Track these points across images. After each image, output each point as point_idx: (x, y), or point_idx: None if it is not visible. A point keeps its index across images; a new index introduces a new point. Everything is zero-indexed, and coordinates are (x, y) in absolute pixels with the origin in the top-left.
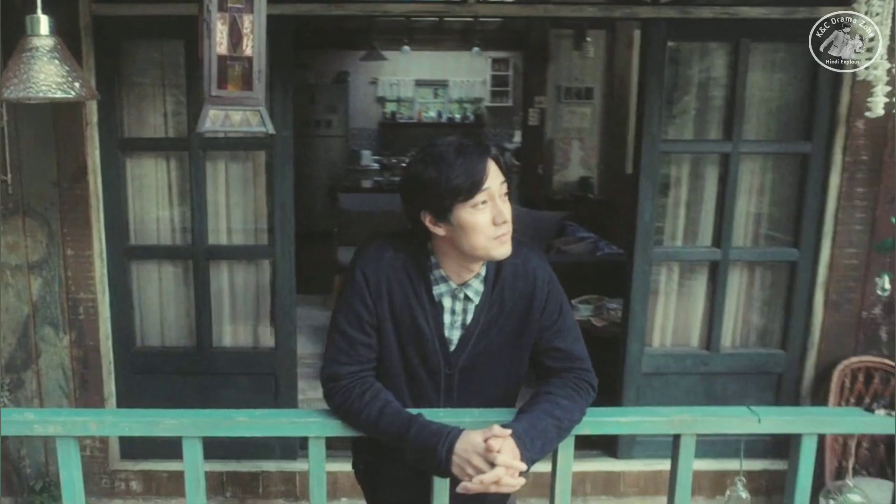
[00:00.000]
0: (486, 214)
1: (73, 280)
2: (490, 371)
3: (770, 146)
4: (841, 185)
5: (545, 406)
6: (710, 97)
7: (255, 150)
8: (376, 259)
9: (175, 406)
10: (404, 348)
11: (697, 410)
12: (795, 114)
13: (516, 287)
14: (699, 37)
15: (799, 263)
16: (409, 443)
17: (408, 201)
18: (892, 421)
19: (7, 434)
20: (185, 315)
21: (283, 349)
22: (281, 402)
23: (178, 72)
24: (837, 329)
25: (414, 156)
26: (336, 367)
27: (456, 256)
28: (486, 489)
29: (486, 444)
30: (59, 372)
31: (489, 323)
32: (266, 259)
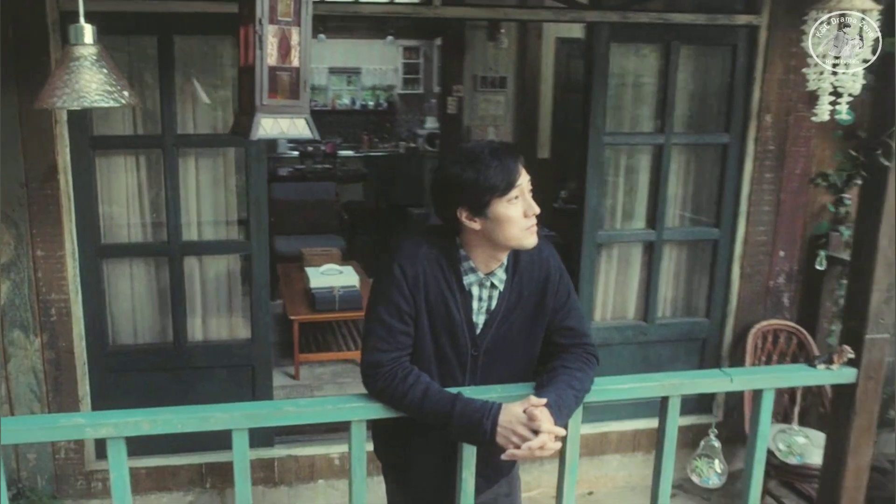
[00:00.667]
0: (518, 208)
1: (45, 281)
2: (510, 351)
3: (695, 138)
4: (753, 172)
5: (565, 378)
6: (643, 93)
7: (228, 147)
8: (413, 254)
9: (151, 402)
10: (436, 333)
11: (682, 375)
12: (715, 109)
13: (533, 274)
14: (636, 39)
15: (720, 241)
16: (455, 419)
17: (443, 200)
18: (834, 374)
19: (59, 439)
20: (159, 311)
21: (260, 340)
22: (258, 391)
23: (150, 68)
24: (750, 297)
25: (447, 160)
26: (378, 355)
27: (485, 248)
28: (531, 455)
29: (529, 414)
30: (31, 376)
31: (510, 308)
32: (241, 253)
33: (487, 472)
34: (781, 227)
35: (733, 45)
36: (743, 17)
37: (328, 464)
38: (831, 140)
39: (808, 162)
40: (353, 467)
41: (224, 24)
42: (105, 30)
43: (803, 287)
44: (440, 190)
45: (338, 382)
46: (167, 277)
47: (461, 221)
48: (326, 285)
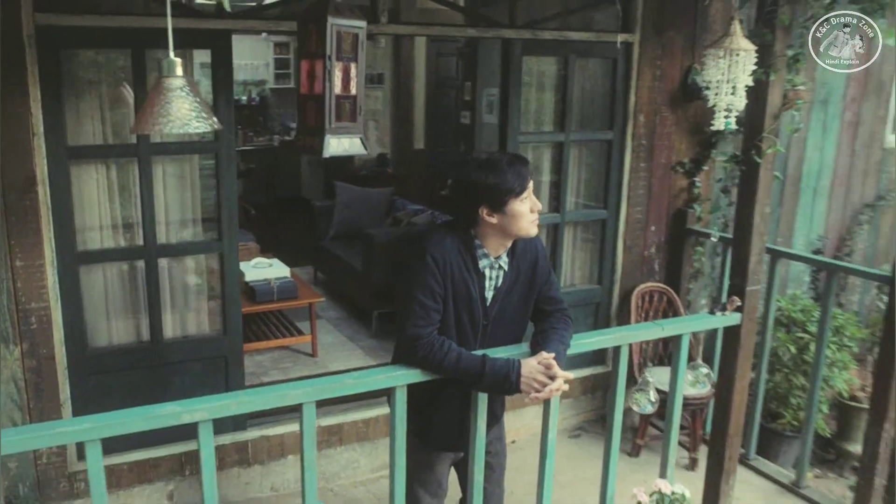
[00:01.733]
0: (527, 205)
1: (24, 291)
2: (510, 319)
3: (587, 135)
4: (631, 162)
5: (556, 336)
6: (546, 98)
7: (198, 154)
8: (440, 245)
9: (132, 399)
10: (458, 308)
11: (625, 329)
12: (602, 110)
13: (526, 257)
14: (543, 52)
15: (607, 221)
16: (486, 376)
17: (466, 200)
18: (726, 318)
19: (157, 427)
20: (135, 312)
21: (232, 332)
22: (231, 380)
23: (124, 80)
24: (631, 266)
25: (468, 166)
26: (417, 330)
27: (497, 237)
28: (550, 395)
29: (545, 364)
30: (11, 385)
31: (511, 284)
32: (213, 251)
33: (488, 419)
34: (652, 207)
35: (614, 59)
36: (621, 36)
37: (295, 440)
38: (686, 135)
39: (670, 153)
40: (395, 427)
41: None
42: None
43: (668, 255)
44: (464, 192)
45: (280, 368)
46: (143, 279)
47: (481, 217)
48: (262, 278)
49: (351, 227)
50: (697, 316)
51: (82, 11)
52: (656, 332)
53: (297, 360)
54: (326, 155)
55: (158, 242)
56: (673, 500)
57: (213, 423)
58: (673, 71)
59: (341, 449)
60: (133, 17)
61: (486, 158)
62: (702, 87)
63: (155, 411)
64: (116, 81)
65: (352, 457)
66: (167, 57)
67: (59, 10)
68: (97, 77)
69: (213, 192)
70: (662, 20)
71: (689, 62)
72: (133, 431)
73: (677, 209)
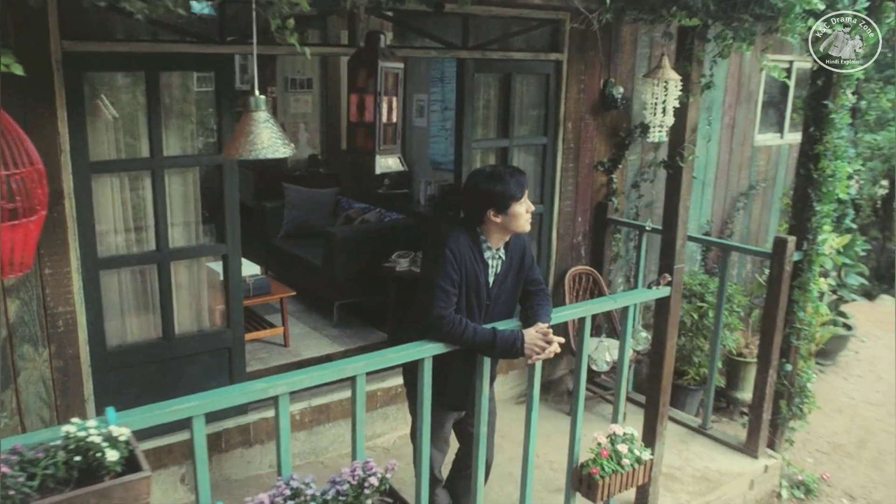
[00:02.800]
0: (524, 207)
1: (52, 296)
2: (506, 299)
3: (527, 140)
4: (562, 163)
5: (542, 311)
6: (491, 109)
7: (205, 166)
8: (457, 240)
9: (148, 391)
10: (468, 291)
11: (589, 303)
12: (537, 119)
13: (517, 248)
14: (491, 70)
15: (544, 214)
16: (497, 345)
17: (476, 204)
18: (660, 291)
19: (251, 400)
20: (148, 311)
21: (235, 326)
22: (234, 370)
23: (140, 99)
24: (563, 251)
25: (476, 177)
26: (441, 311)
27: (499, 233)
28: (548, 356)
29: (543, 332)
30: (40, 385)
31: (507, 270)
32: (219, 253)
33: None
34: (579, 201)
35: (547, 74)
36: (553, 55)
37: (291, 420)
38: (605, 139)
39: (592, 154)
40: (422, 393)
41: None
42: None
43: (593, 241)
44: (474, 198)
45: (258, 358)
46: (156, 280)
47: (488, 217)
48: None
49: (301, 227)
50: (639, 290)
51: (102, 39)
52: (611, 304)
53: (272, 350)
54: (378, 172)
55: (170, 247)
56: (624, 438)
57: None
58: (594, 84)
59: (329, 426)
60: (145, 44)
61: (491, 171)
62: (617, 99)
63: (248, 388)
64: (133, 101)
65: (338, 432)
66: (254, 95)
67: (82, 37)
68: (119, 97)
69: (217, 200)
70: (584, 42)
71: (606, 77)
72: (231, 405)
73: (599, 202)
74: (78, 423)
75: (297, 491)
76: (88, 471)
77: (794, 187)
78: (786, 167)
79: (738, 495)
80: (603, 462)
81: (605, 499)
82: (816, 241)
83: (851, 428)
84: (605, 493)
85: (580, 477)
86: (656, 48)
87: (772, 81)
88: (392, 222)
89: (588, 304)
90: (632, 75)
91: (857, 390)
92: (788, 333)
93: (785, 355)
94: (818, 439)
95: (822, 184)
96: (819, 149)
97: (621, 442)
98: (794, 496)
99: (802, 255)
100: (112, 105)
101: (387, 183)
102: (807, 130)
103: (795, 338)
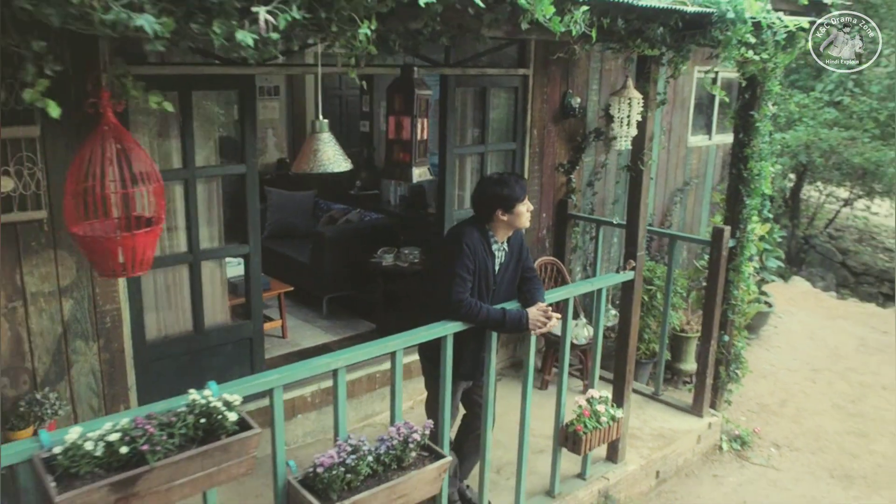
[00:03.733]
0: (525, 207)
1: (101, 295)
2: (507, 284)
3: (500, 146)
4: (529, 166)
5: (539, 294)
6: (468, 119)
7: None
8: (471, 236)
9: (181, 379)
10: (479, 278)
11: (573, 285)
12: (508, 127)
13: (515, 241)
14: (469, 85)
15: None
16: (507, 322)
17: (486, 205)
18: (626, 275)
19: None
20: (182, 307)
21: (256, 318)
22: (255, 357)
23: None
24: (531, 244)
25: (486, 183)
26: (460, 295)
27: (505, 229)
28: (548, 329)
29: (543, 310)
30: (90, 376)
31: (509, 260)
32: (243, 253)
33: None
34: (543, 199)
35: (516, 87)
36: (521, 70)
37: (303, 401)
38: (564, 144)
39: (554, 157)
40: (443, 372)
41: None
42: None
43: (555, 234)
44: (484, 200)
45: None
46: (188, 279)
47: (496, 216)
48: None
49: (283, 227)
50: (610, 275)
51: (139, 63)
52: (588, 286)
53: (273, 342)
54: (413, 181)
55: (200, 248)
56: (601, 400)
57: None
58: (555, 96)
59: None
60: (179, 67)
61: (498, 178)
62: (575, 108)
63: (313, 363)
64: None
65: None
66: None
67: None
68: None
69: (238, 205)
70: (546, 57)
71: (565, 89)
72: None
73: (560, 200)
74: (199, 393)
75: (356, 447)
76: (210, 430)
77: (728, 184)
78: (714, 165)
79: (688, 448)
80: (585, 420)
81: (586, 451)
82: (747, 230)
83: (774, 391)
84: (587, 446)
85: (566, 434)
86: (606, 62)
87: (701, 90)
88: (372, 221)
89: (570, 287)
90: (586, 87)
91: (778, 359)
92: (725, 309)
93: (723, 328)
94: (749, 401)
95: (751, 181)
96: (748, 152)
97: (598, 403)
98: (733, 448)
99: (736, 241)
100: (148, 121)
101: (358, 185)
102: (737, 136)
103: (731, 312)
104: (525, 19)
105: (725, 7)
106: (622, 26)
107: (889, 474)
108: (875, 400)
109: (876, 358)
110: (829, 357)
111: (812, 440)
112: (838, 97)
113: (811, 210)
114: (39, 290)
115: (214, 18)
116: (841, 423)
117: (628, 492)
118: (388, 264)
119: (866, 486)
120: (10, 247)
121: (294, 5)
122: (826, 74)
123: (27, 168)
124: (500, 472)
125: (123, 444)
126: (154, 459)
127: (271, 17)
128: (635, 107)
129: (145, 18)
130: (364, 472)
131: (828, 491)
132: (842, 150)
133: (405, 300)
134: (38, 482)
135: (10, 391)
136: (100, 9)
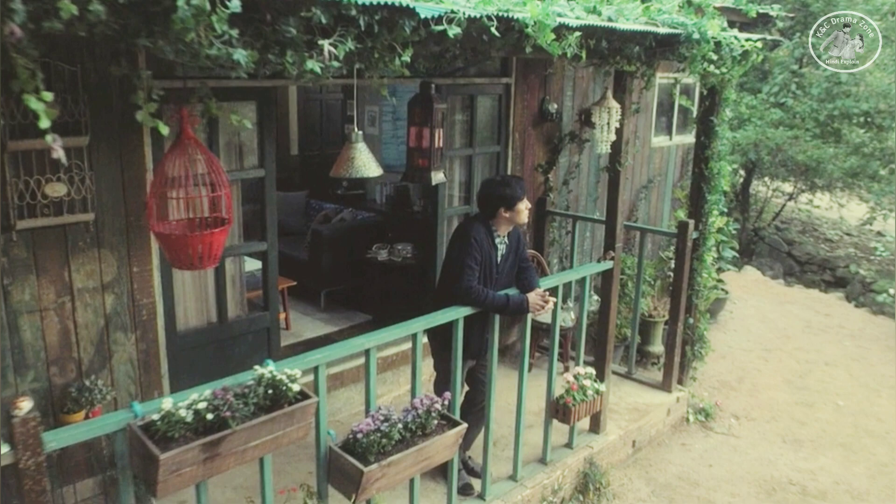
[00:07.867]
0: (525, 205)
1: (138, 290)
2: (507, 274)
3: (486, 149)
4: (512, 167)
5: (535, 280)
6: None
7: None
8: (478, 231)
9: (208, 367)
10: (484, 268)
11: (563, 273)
12: (493, 131)
13: (515, 235)
14: (459, 93)
15: None
16: (510, 305)
17: (490, 203)
18: (606, 265)
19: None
20: (207, 300)
21: (273, 310)
22: (272, 345)
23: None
24: None
25: (491, 184)
26: (469, 282)
27: (506, 224)
28: (546, 311)
29: (541, 294)
30: (128, 364)
31: (509, 252)
32: (261, 250)
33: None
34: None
35: (500, 95)
36: (504, 79)
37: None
38: (542, 146)
39: (533, 159)
40: (456, 341)
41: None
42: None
43: (535, 230)
44: (489, 198)
45: None
46: (213, 273)
47: (499, 213)
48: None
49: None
50: (593, 264)
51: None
52: (574, 275)
53: None
54: (433, 184)
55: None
56: (586, 375)
57: None
58: (534, 102)
59: (343, 390)
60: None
61: (501, 179)
62: (552, 113)
63: (350, 343)
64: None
65: (350, 395)
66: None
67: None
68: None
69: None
70: (526, 67)
71: (543, 95)
72: (338, 357)
73: (539, 197)
74: (265, 368)
75: (387, 416)
76: (275, 399)
77: (691, 182)
78: (674, 164)
79: (659, 420)
80: (574, 394)
81: (574, 422)
82: (708, 223)
83: (732, 369)
84: (575, 416)
85: (556, 406)
86: (578, 72)
87: (663, 94)
88: (364, 220)
89: (560, 276)
90: (562, 93)
91: (734, 341)
92: (690, 294)
93: (688, 311)
94: (710, 378)
95: (711, 179)
96: (708, 153)
97: (584, 379)
98: (698, 419)
99: (699, 234)
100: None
101: (345, 185)
102: (699, 139)
103: (696, 297)
104: (529, 44)
105: (691, 29)
106: (605, 46)
107: (831, 437)
108: (819, 375)
109: (820, 338)
110: (779, 338)
111: (766, 411)
112: (783, 98)
113: (759, 204)
114: (85, 286)
115: (287, 49)
116: (790, 396)
117: (609, 459)
118: (384, 259)
119: (813, 449)
120: (59, 247)
121: (349, 38)
122: (771, 77)
123: (77, 174)
124: (496, 445)
125: (209, 412)
126: (235, 424)
127: (333, 48)
128: (614, 115)
129: (240, 53)
130: (395, 438)
131: (780, 454)
132: (787, 148)
133: (399, 292)
134: (132, 446)
135: (59, 379)
136: (206, 45)
